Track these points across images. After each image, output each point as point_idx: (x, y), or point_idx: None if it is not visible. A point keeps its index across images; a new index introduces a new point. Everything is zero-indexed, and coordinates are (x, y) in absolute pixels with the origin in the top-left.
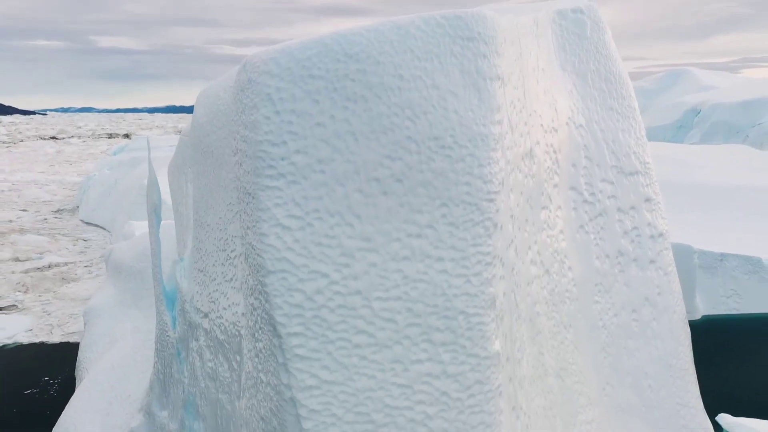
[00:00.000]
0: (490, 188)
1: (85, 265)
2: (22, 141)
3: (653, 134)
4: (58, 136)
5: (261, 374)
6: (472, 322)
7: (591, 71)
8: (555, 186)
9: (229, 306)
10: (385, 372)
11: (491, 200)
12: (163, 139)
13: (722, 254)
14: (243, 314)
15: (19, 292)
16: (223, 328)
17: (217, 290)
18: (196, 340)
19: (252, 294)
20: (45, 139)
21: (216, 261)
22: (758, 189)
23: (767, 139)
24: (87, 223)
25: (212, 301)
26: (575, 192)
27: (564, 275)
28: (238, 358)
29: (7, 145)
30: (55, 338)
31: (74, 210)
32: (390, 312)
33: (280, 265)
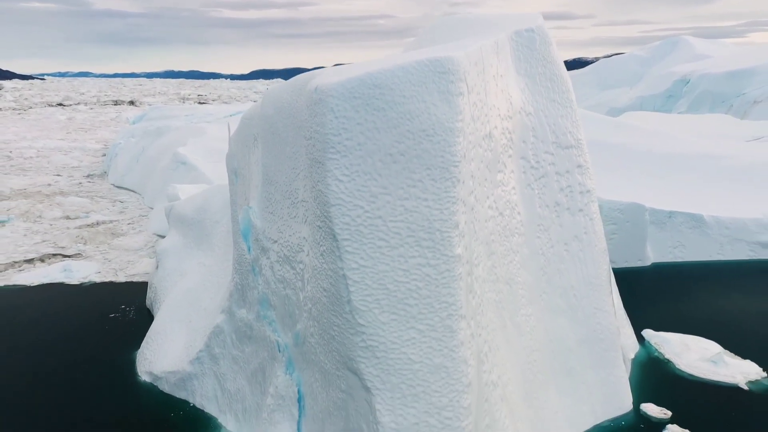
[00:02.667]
0: (455, 159)
1: (128, 222)
2: (30, 108)
3: (644, 104)
4: (64, 102)
5: (324, 265)
6: (444, 236)
7: (538, 74)
8: (509, 156)
9: (293, 234)
10: (394, 261)
11: (456, 165)
12: (179, 108)
13: (671, 212)
14: (305, 237)
15: (80, 243)
16: (288, 247)
17: (284, 224)
18: (268, 258)
19: (318, 219)
20: (52, 105)
21: (283, 205)
22: (715, 156)
23: (750, 109)
24: (118, 187)
25: (280, 232)
26: (524, 160)
27: (514, 217)
28: (301, 266)
29: (18, 112)
30: (120, 279)
31: (103, 175)
32: (397, 228)
33: (337, 201)
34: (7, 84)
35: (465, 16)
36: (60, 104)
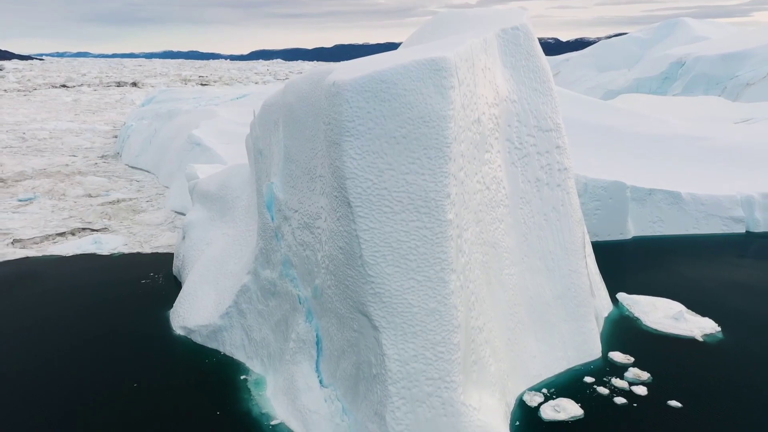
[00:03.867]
0: (447, 141)
1: (146, 200)
2: (35, 89)
3: (641, 86)
4: (67, 84)
5: (340, 227)
6: (437, 204)
7: (522, 66)
8: (496, 138)
9: (312, 204)
10: (397, 224)
11: (448, 146)
12: (186, 91)
13: (651, 189)
14: (322, 206)
15: (105, 219)
16: (308, 215)
17: (304, 196)
18: (289, 225)
19: (334, 191)
20: (56, 87)
21: (303, 180)
22: (698, 137)
23: (742, 91)
24: (132, 167)
25: (300, 202)
26: (509, 142)
27: (499, 191)
28: (319, 230)
29: (24, 93)
30: (146, 250)
31: (116, 155)
32: (399, 197)
33: (351, 173)
34: (7, 65)
35: (459, 12)
36: (63, 86)
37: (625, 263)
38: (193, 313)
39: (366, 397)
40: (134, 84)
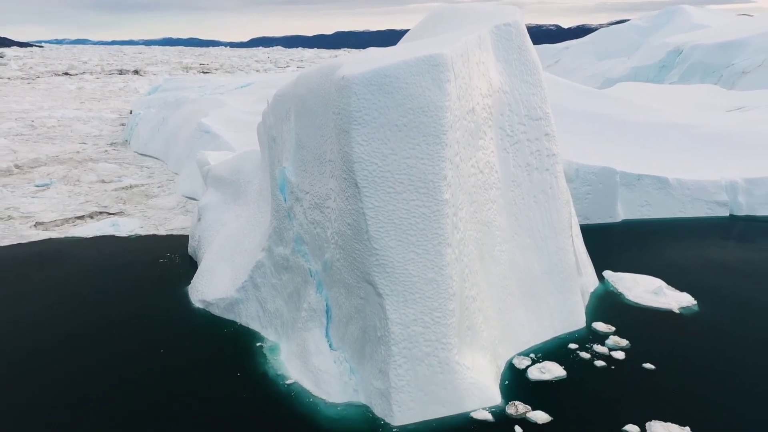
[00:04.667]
0: (443, 129)
1: (158, 185)
2: (38, 77)
3: (639, 74)
4: (70, 71)
5: (348, 206)
6: (435, 185)
7: (514, 59)
8: (489, 126)
9: (322, 186)
10: (399, 203)
11: (444, 134)
12: (191, 80)
13: (640, 175)
14: (332, 188)
15: (120, 203)
16: (318, 196)
17: (314, 178)
18: (301, 206)
19: (343, 173)
20: (59, 75)
21: (313, 164)
22: (688, 125)
23: (738, 79)
24: (141, 155)
25: (311, 185)
26: (501, 130)
27: (492, 175)
28: (328, 210)
29: (28, 81)
30: (161, 232)
31: (125, 143)
32: (401, 179)
33: (358, 158)
34: (8, 52)
35: (457, 8)
36: (66, 73)
37: (613, 244)
38: (210, 288)
39: (371, 357)
40: (136, 72)
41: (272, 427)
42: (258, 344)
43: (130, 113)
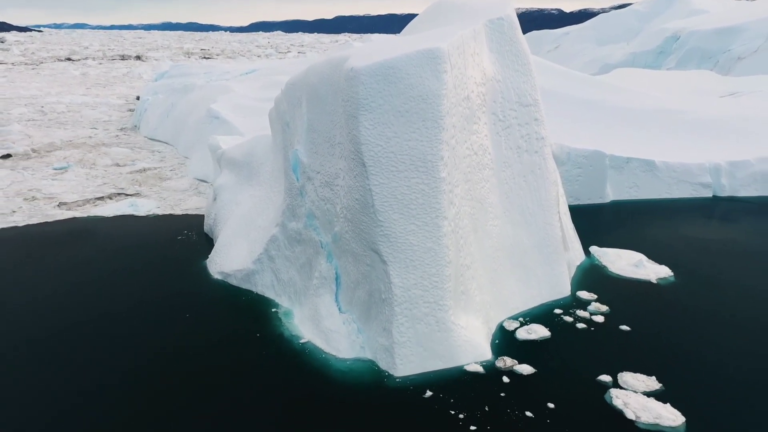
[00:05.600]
0: (441, 115)
1: (170, 169)
2: (41, 62)
3: (637, 60)
4: (72, 57)
5: (356, 183)
6: (433, 164)
7: (506, 51)
8: (483, 112)
9: (331, 166)
10: (401, 180)
11: (441, 119)
12: (196, 66)
13: (628, 158)
14: (341, 168)
15: (136, 185)
16: (328, 175)
17: (325, 159)
18: (312, 184)
19: (351, 154)
20: (62, 60)
21: (324, 147)
22: (678, 111)
23: (734, 65)
24: (151, 139)
25: (321, 165)
26: (494, 115)
27: (485, 156)
28: (337, 187)
29: (32, 67)
30: (177, 212)
31: (134, 128)
32: (403, 159)
33: (365, 140)
34: (8, 36)
35: (454, 1)
36: (68, 59)
37: (602, 223)
38: (228, 261)
39: (376, 317)
40: (138, 57)
41: (290, 380)
42: (273, 310)
43: (137, 99)
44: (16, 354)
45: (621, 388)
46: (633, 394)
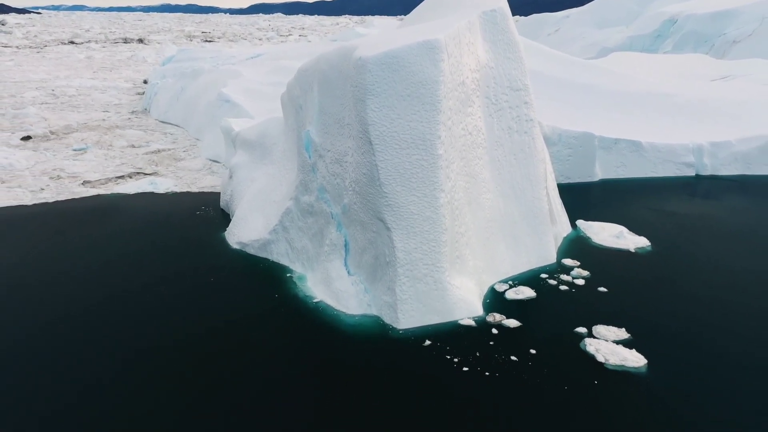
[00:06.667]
0: (438, 99)
1: (183, 150)
2: (45, 46)
3: (634, 43)
4: (75, 40)
5: (364, 159)
6: (431, 143)
7: (498, 40)
8: (477, 96)
9: (341, 144)
10: (403, 157)
11: (439, 102)
12: (202, 51)
13: (616, 139)
14: (350, 146)
15: (153, 165)
16: (338, 152)
17: (335, 138)
18: (324, 161)
19: (359, 134)
20: (65, 43)
21: (334, 127)
22: (667, 94)
23: (729, 48)
24: (162, 122)
25: (332, 144)
26: (487, 99)
27: (479, 136)
28: (346, 164)
29: (37, 50)
30: (194, 190)
31: (145, 111)
32: (405, 138)
33: (372, 122)
34: (9, 19)
35: None
36: (71, 42)
37: (590, 199)
38: (246, 232)
39: (381, 278)
40: (140, 41)
41: (306, 333)
42: (288, 275)
43: (144, 83)
44: (57, 322)
45: (594, 337)
46: (604, 342)
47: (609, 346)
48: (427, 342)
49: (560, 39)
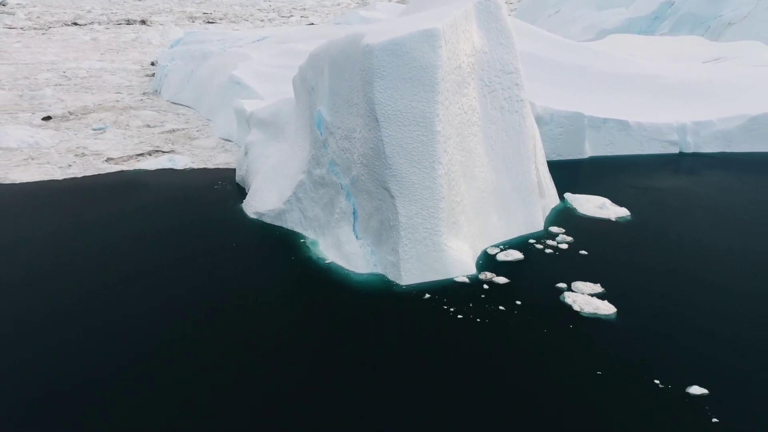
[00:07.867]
0: (437, 81)
1: (196, 129)
2: (50, 27)
3: (632, 25)
4: (79, 21)
5: (371, 135)
6: (430, 120)
7: (492, 27)
8: (472, 79)
9: (350, 122)
10: (405, 133)
11: (437, 84)
12: (209, 33)
13: (605, 118)
14: (358, 124)
15: (169, 143)
16: (348, 129)
17: (344, 117)
18: (334, 137)
19: (367, 112)
20: (68, 25)
21: (343, 107)
22: (657, 75)
23: (724, 30)
24: (173, 103)
25: (342, 121)
26: (482, 81)
27: (473, 115)
28: (354, 139)
29: (42, 32)
30: (210, 166)
31: (156, 93)
32: (407, 116)
33: (378, 101)
34: None
35: None
36: (75, 23)
37: (579, 175)
38: (262, 203)
39: (386, 241)
40: (143, 22)
41: (319, 289)
42: (302, 240)
43: (152, 65)
44: (94, 291)
45: (572, 291)
46: (581, 295)
47: (584, 298)
48: (427, 296)
49: (560, 20)
